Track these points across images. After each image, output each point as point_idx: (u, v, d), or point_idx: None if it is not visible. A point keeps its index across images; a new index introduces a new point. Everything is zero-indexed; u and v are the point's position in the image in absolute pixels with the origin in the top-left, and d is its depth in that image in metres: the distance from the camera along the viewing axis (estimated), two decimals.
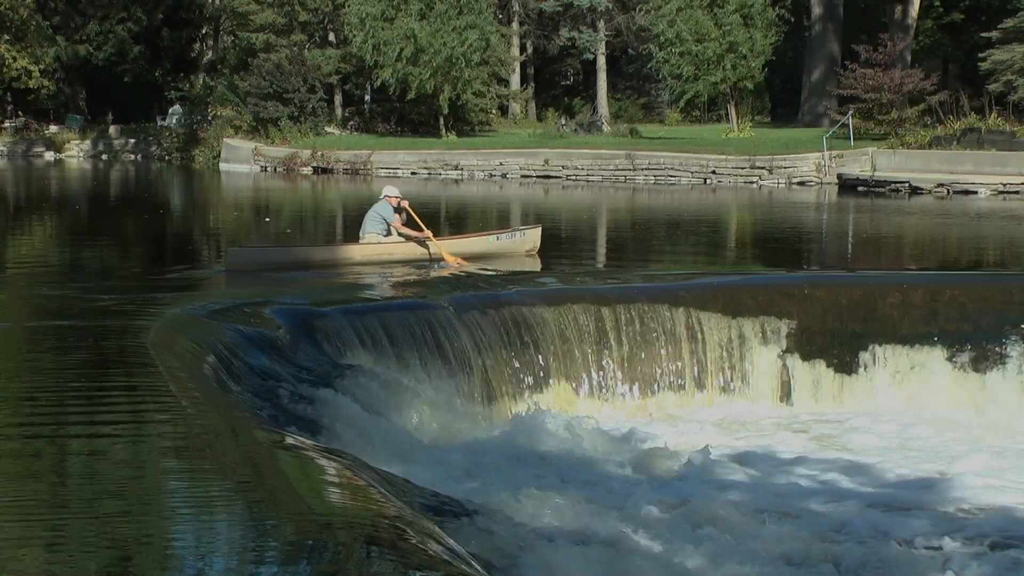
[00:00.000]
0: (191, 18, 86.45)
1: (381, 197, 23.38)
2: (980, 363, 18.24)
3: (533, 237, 24.73)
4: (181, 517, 7.57)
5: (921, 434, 16.77)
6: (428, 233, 23.02)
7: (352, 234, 24.71)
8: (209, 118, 73.31)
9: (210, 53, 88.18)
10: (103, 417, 10.13)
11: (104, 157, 78.23)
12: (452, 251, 23.00)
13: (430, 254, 22.84)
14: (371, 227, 23.05)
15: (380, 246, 22.82)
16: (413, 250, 22.97)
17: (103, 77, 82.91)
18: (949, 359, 18.35)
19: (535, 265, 23.43)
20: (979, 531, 12.81)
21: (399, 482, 10.34)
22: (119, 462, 8.84)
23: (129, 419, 10.23)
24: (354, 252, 22.78)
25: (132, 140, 79.82)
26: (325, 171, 62.22)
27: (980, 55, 61.30)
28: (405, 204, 23.39)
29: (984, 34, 61.92)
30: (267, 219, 37.79)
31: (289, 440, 10.34)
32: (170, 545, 7.03)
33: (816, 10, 74.06)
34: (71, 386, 11.36)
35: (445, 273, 21.28)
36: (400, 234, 22.96)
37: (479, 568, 8.15)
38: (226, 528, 7.35)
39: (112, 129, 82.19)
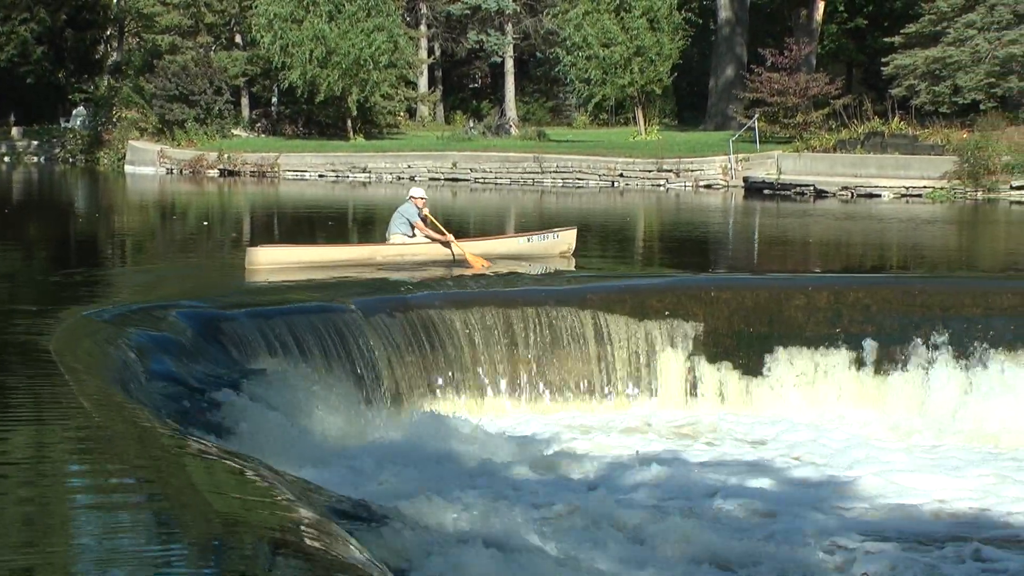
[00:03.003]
0: (95, 19, 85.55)
1: (407, 198, 23.16)
2: (883, 364, 18.43)
3: (568, 239, 24.37)
4: (83, 521, 7.48)
5: (825, 435, 16.92)
6: (450, 236, 22.69)
7: (258, 240, 24.47)
8: (114, 120, 72.58)
9: (115, 55, 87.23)
10: (1, 421, 9.98)
11: (6, 160, 77.19)
12: (480, 253, 22.75)
13: (454, 256, 22.53)
14: (397, 228, 22.79)
15: (404, 247, 22.55)
16: (437, 252, 22.65)
17: (5, 78, 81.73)
18: (853, 360, 18.52)
19: (562, 265, 23.12)
20: (881, 530, 12.96)
21: (305, 485, 10.29)
22: (19, 465, 8.72)
23: (30, 422, 10.10)
24: (377, 253, 22.56)
25: (35, 142, 78.86)
26: (232, 174, 61.82)
27: (883, 60, 61.95)
28: (425, 210, 23.20)
29: (887, 39, 62.56)
30: (205, 223, 37.35)
31: (194, 444, 10.25)
32: (72, 550, 6.94)
33: (723, 14, 74.54)
34: None
35: (467, 274, 21.07)
36: (423, 235, 22.81)
37: (386, 571, 8.13)
38: (130, 532, 7.27)
39: (14, 131, 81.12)
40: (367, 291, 18.55)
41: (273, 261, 21.59)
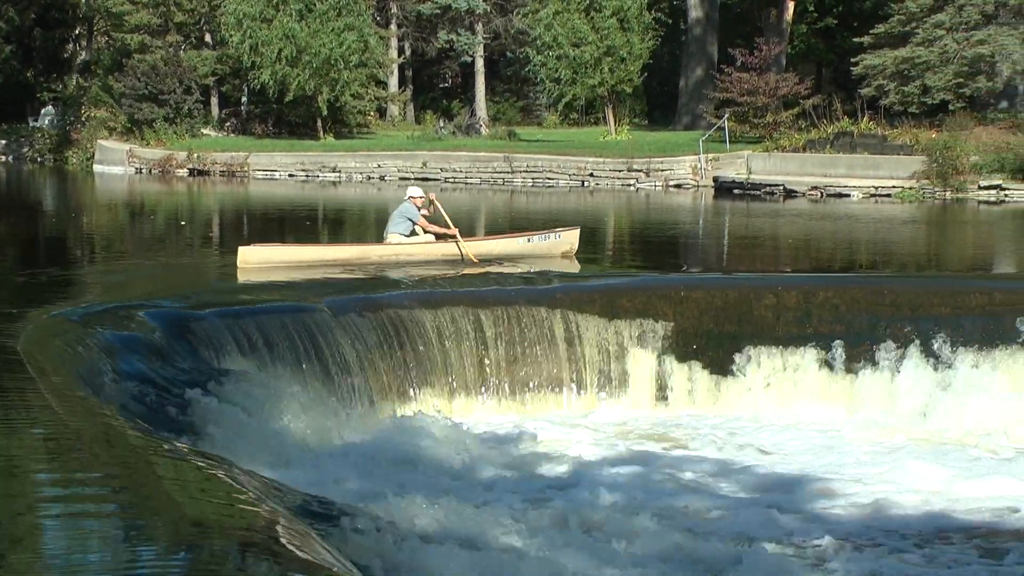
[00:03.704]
0: (64, 18, 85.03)
1: (406, 198, 23.15)
2: (852, 363, 18.49)
3: (570, 239, 24.38)
4: (52, 522, 7.43)
5: (794, 434, 16.99)
6: (455, 231, 22.78)
7: (227, 240, 24.40)
8: (83, 119, 72.26)
9: (84, 54, 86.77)
10: None
11: None
12: (481, 251, 22.89)
13: (461, 254, 22.58)
14: (395, 227, 22.81)
15: (398, 247, 22.56)
16: (431, 251, 22.72)
17: None
18: (822, 360, 18.57)
19: (563, 265, 23.17)
20: (849, 529, 13.01)
21: (275, 486, 10.27)
22: None
23: None
24: (371, 253, 22.55)
25: (3, 142, 78.35)
26: (201, 173, 61.61)
27: (853, 60, 62.13)
28: (432, 196, 23.24)
29: (856, 39, 62.75)
30: (183, 223, 37.18)
31: (163, 444, 10.22)
32: (40, 550, 6.91)
33: (693, 14, 74.64)
34: None
35: (467, 272, 21.12)
36: (427, 231, 22.79)
37: (356, 572, 8.12)
38: (99, 533, 7.23)
39: None
40: (338, 291, 18.51)
41: (265, 260, 21.58)
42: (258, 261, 21.44)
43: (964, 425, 17.25)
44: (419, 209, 22.84)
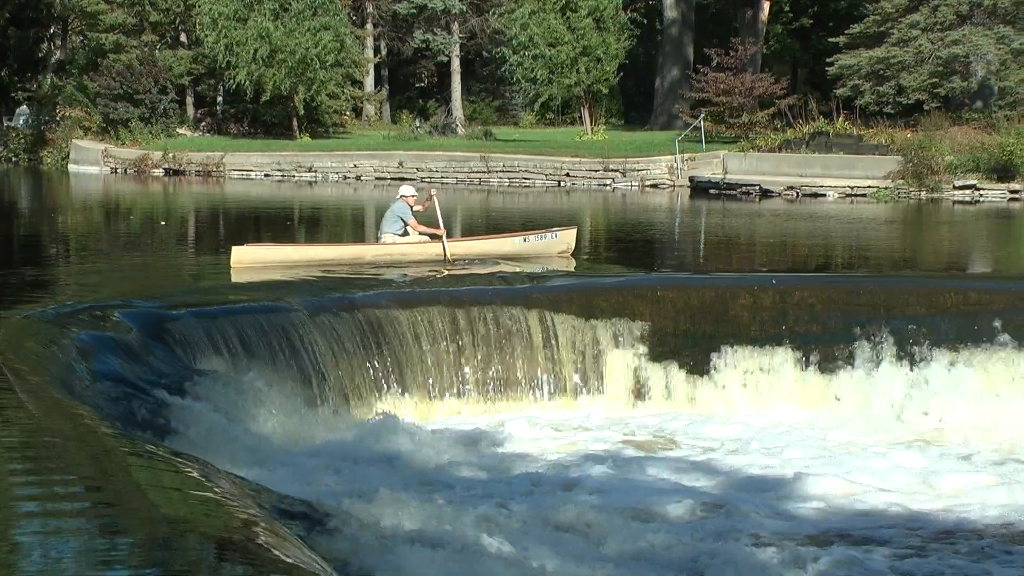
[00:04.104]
0: (38, 17, 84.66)
1: (398, 197, 23.14)
2: (828, 363, 18.53)
3: (566, 238, 24.41)
4: (26, 523, 7.40)
5: (771, 434, 17.00)
6: (442, 231, 22.79)
7: (206, 240, 24.33)
8: (58, 119, 72.01)
9: (58, 53, 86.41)
10: None
11: None
12: (477, 251, 23.01)
13: (445, 254, 22.56)
14: (388, 227, 22.80)
15: (392, 247, 22.56)
16: (424, 251, 22.76)
17: None
18: (798, 360, 18.61)
19: (557, 264, 23.26)
20: (826, 529, 13.03)
21: (251, 486, 10.26)
22: None
23: None
24: (365, 252, 22.56)
25: None
26: (177, 173, 61.46)
27: (828, 60, 62.36)
28: (432, 193, 23.28)
29: (832, 39, 62.94)
30: (163, 223, 37.06)
31: (139, 445, 10.20)
32: (15, 551, 6.88)
33: (669, 14, 74.73)
34: None
35: (453, 273, 21.21)
36: (415, 231, 22.80)
37: (331, 572, 8.11)
38: (74, 534, 7.21)
39: None
40: (315, 291, 18.49)
41: (258, 260, 21.55)
42: (251, 261, 21.43)
43: (939, 424, 17.32)
44: (412, 207, 22.83)
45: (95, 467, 9.08)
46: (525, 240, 24.05)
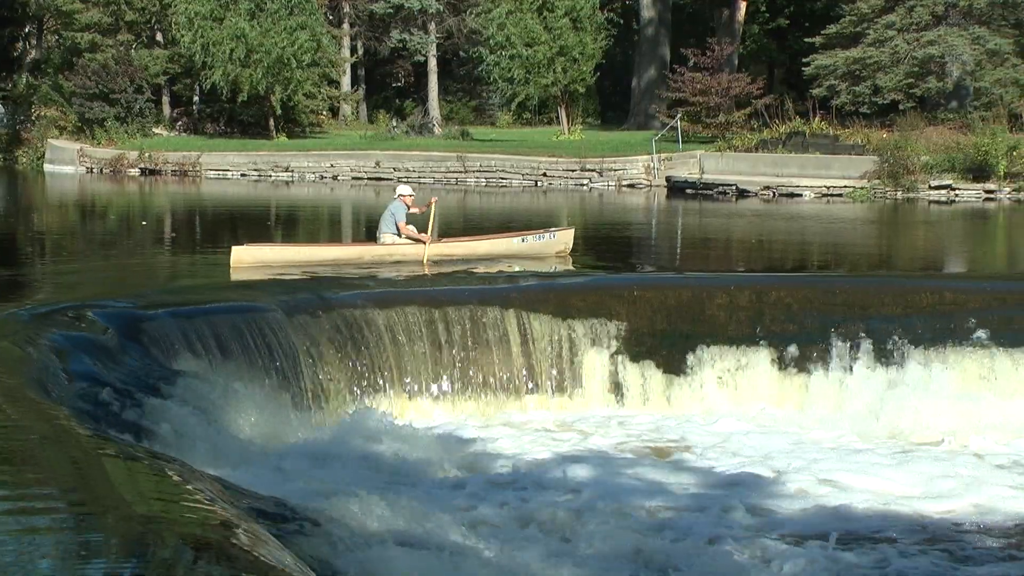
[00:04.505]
0: (13, 16, 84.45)
1: (396, 196, 23.13)
2: (804, 363, 18.55)
3: (564, 239, 24.70)
4: (1, 524, 7.38)
5: (747, 434, 17.01)
6: (427, 239, 22.83)
7: (182, 240, 24.28)
8: (33, 118, 71.80)
9: (34, 52, 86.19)
10: None
11: None
12: (475, 252, 23.30)
13: (424, 257, 22.72)
14: (386, 227, 22.83)
15: (392, 247, 22.65)
16: (428, 251, 22.89)
17: None
18: (775, 359, 18.63)
19: (557, 265, 23.51)
20: (800, 528, 13.05)
21: (227, 486, 10.23)
22: None
23: None
24: (365, 253, 22.65)
25: None
26: (153, 173, 61.35)
27: (804, 60, 62.46)
28: (434, 201, 23.31)
29: (808, 40, 63.07)
30: (144, 222, 37.00)
31: (115, 445, 10.16)
32: None
33: (645, 14, 74.81)
34: None
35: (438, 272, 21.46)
36: (404, 234, 22.89)
37: (310, 572, 8.09)
38: (49, 535, 7.18)
39: None
40: (291, 291, 18.46)
41: (258, 260, 21.59)
42: (251, 261, 21.53)
43: (915, 424, 17.34)
44: (408, 208, 22.84)
45: (70, 468, 9.05)
46: (524, 240, 24.25)
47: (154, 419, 13.18)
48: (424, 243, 22.67)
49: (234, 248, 22.06)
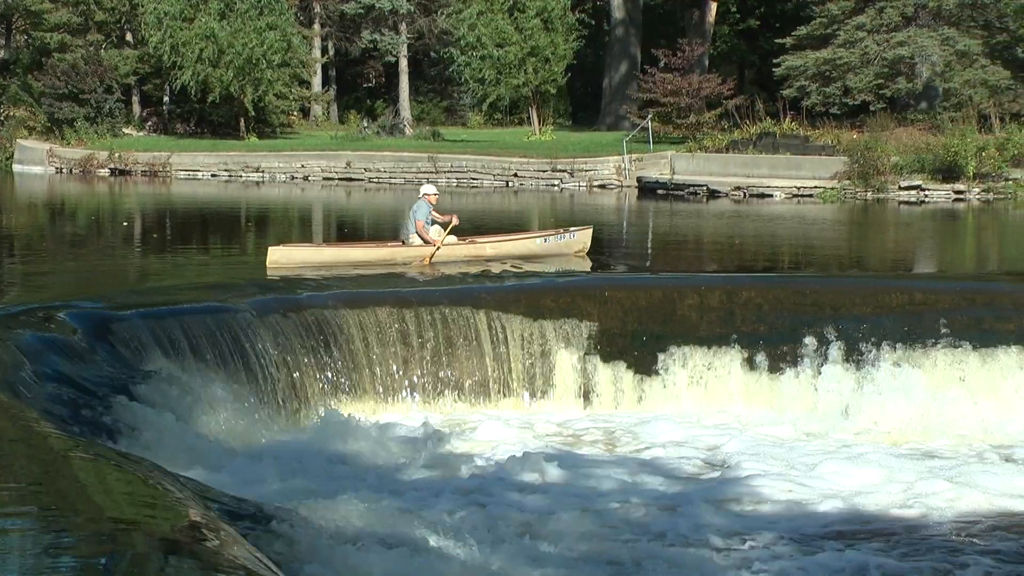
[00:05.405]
0: None
1: (420, 196, 23.25)
2: (775, 363, 18.60)
3: (583, 238, 24.93)
4: None
5: (719, 434, 17.04)
6: (438, 244, 22.78)
7: (151, 239, 24.21)
8: (2, 118, 71.44)
9: (2, 52, 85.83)
10: None
11: None
12: (498, 253, 23.43)
13: (426, 258, 22.66)
14: (413, 228, 22.84)
15: (423, 248, 22.72)
16: (454, 252, 23.00)
17: None
18: (746, 360, 18.67)
19: (576, 263, 23.72)
20: (771, 528, 13.07)
21: (198, 487, 10.20)
22: None
23: None
24: (396, 254, 22.78)
25: None
26: (123, 173, 61.09)
27: (775, 61, 62.63)
28: (455, 220, 23.17)
29: (778, 40, 63.26)
30: (125, 223, 36.86)
31: (85, 446, 10.13)
32: None
33: (616, 14, 74.88)
34: None
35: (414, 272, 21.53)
36: (419, 234, 22.93)
37: (280, 573, 8.08)
38: (18, 536, 7.15)
39: None
40: (262, 291, 18.42)
41: (293, 260, 21.90)
42: (287, 262, 21.75)
43: (885, 424, 17.41)
44: (431, 207, 22.90)
45: (40, 468, 9.02)
46: (545, 240, 24.57)
47: (124, 420, 13.15)
48: (433, 246, 22.70)
49: (270, 249, 22.49)
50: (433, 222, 22.96)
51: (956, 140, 47.71)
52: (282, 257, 22.08)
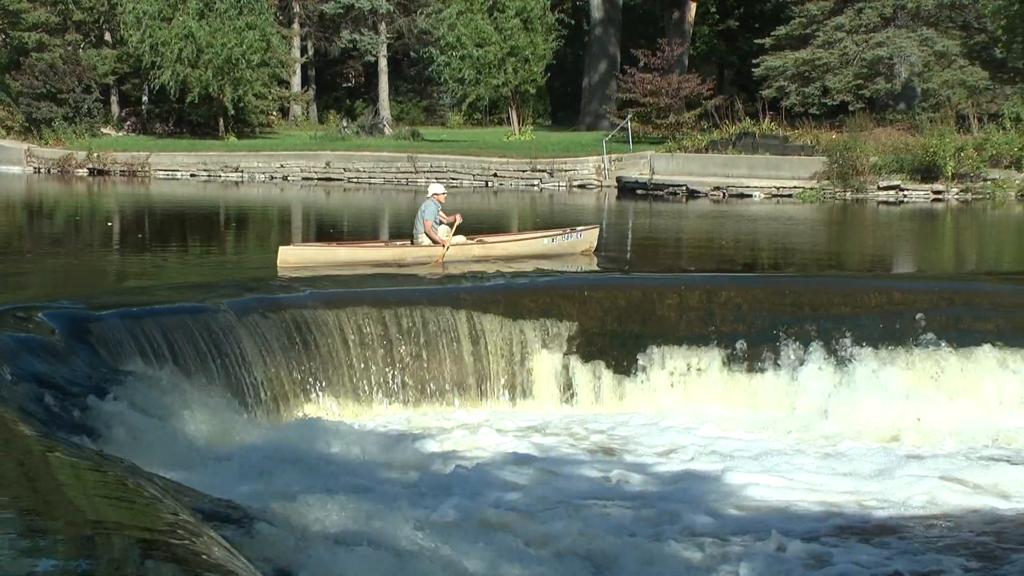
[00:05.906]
0: None
1: (429, 195, 23.31)
2: (754, 363, 18.62)
3: (590, 237, 25.16)
4: None
5: (698, 433, 17.04)
6: (447, 244, 22.92)
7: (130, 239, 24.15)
8: None
9: None
10: None
11: None
12: (506, 252, 23.60)
13: (435, 258, 22.84)
14: (421, 227, 22.88)
15: (434, 248, 22.86)
16: (464, 252, 23.16)
17: None
18: (725, 359, 18.68)
19: (582, 264, 23.89)
20: (752, 527, 13.07)
21: (177, 488, 10.17)
22: None
23: None
24: (408, 254, 22.89)
25: None
26: (101, 173, 60.96)
27: (754, 61, 62.76)
28: (458, 219, 23.29)
29: (758, 41, 63.39)
30: (109, 223, 36.77)
31: (63, 446, 10.09)
32: None
33: (596, 14, 74.93)
34: None
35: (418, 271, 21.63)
36: (427, 233, 23.03)
37: (259, 574, 8.05)
38: None
39: None
40: (240, 291, 18.37)
41: (304, 260, 21.98)
42: (297, 261, 21.91)
43: (864, 423, 17.43)
44: (440, 206, 22.95)
45: (17, 469, 8.98)
46: (553, 240, 24.73)
47: (102, 420, 13.10)
48: (442, 246, 22.77)
49: (281, 248, 22.58)
50: (440, 222, 23.01)
51: (935, 140, 47.87)
52: (292, 256, 22.14)
